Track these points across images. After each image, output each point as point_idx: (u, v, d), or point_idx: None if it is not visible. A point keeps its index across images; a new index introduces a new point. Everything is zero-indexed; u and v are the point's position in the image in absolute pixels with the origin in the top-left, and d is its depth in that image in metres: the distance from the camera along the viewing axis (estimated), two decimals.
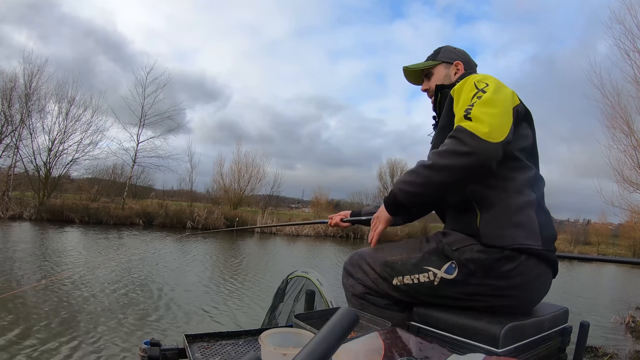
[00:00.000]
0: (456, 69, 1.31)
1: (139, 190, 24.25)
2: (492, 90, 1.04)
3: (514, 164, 1.06)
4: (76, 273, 6.63)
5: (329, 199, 29.84)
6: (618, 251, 26.54)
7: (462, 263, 1.02)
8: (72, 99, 18.22)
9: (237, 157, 23.98)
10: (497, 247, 1.01)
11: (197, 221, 18.62)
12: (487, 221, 1.04)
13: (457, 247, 1.04)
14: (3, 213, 15.25)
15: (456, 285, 1.02)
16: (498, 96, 1.03)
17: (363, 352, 0.72)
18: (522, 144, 1.08)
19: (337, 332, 0.38)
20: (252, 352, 0.90)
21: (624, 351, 5.02)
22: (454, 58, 1.32)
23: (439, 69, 1.32)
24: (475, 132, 0.96)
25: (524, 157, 1.08)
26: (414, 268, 1.07)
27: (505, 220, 1.02)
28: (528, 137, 1.11)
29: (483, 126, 0.96)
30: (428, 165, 1.01)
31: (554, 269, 1.09)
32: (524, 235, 1.01)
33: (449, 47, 1.36)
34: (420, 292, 1.06)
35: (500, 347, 0.88)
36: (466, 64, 1.32)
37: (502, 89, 1.07)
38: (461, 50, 1.36)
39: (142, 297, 5.55)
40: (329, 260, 11.64)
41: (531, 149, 1.12)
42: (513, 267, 1.00)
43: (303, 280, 1.84)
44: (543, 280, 1.06)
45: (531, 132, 1.13)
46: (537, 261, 1.02)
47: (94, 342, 3.77)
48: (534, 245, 1.00)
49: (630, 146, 8.00)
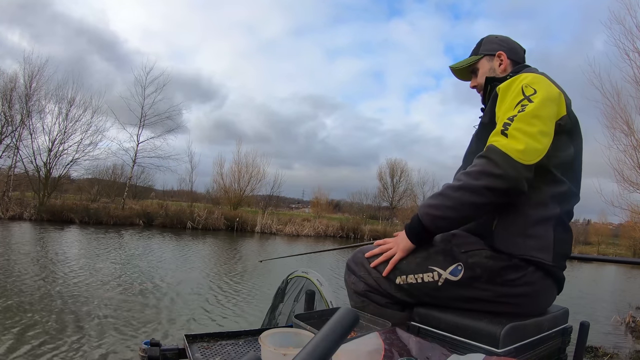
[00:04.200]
0: (500, 60, 1.25)
1: (139, 190, 24.28)
2: (539, 101, 0.98)
3: (545, 176, 1.02)
4: (76, 272, 6.63)
5: (329, 199, 29.91)
6: (618, 251, 26.53)
7: (469, 266, 1.00)
8: (72, 99, 18.28)
9: (237, 157, 24.05)
10: (506, 254, 1.00)
11: (197, 221, 18.62)
12: (502, 227, 1.02)
13: (466, 250, 1.02)
14: (3, 213, 15.25)
15: (460, 287, 1.01)
16: (542, 111, 0.98)
17: (363, 352, 0.72)
18: (559, 158, 1.02)
19: (337, 332, 0.38)
20: (252, 352, 0.90)
21: (624, 351, 5.02)
22: (496, 49, 1.26)
23: (482, 63, 1.27)
24: (508, 152, 0.92)
25: (558, 171, 1.03)
26: (418, 267, 1.04)
27: (520, 230, 1.01)
28: (568, 152, 1.05)
29: (519, 144, 0.92)
30: (458, 187, 0.97)
31: (559, 285, 1.08)
32: (535, 247, 0.99)
33: (490, 37, 1.29)
34: (422, 292, 1.04)
35: (501, 347, 0.88)
36: (509, 52, 1.25)
37: (549, 101, 1.00)
38: (503, 37, 1.29)
39: (142, 297, 5.55)
40: (329, 260, 11.63)
41: (570, 163, 1.06)
42: (518, 276, 0.99)
43: (303, 280, 1.84)
44: (547, 294, 1.06)
45: (574, 146, 1.06)
46: (544, 275, 1.01)
47: (94, 342, 3.77)
48: (543, 259, 0.99)
49: (630, 146, 8.02)
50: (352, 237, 21.80)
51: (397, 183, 28.25)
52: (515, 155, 0.92)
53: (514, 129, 0.95)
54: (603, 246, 28.37)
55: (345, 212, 29.68)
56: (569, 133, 1.05)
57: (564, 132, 1.03)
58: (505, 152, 0.92)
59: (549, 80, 1.07)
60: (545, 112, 0.98)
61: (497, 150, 0.93)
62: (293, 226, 21.16)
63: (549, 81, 1.07)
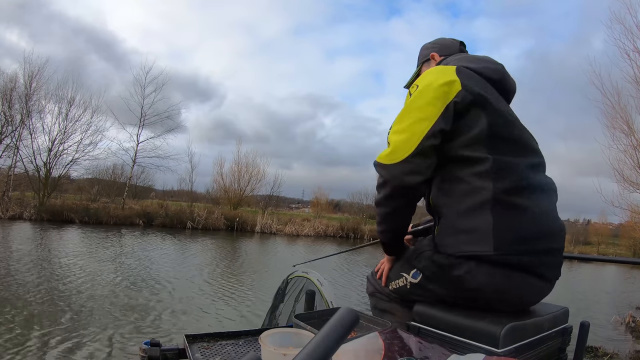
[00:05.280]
0: (434, 61, 1.23)
1: (139, 190, 24.26)
2: (415, 95, 1.00)
3: (461, 162, 0.98)
4: (75, 272, 6.63)
5: (329, 199, 29.91)
6: (618, 251, 26.54)
7: (421, 269, 1.06)
8: (72, 99, 18.26)
9: (237, 157, 24.04)
10: (444, 254, 1.01)
11: (197, 221, 18.62)
12: (440, 228, 1.04)
13: (417, 255, 1.09)
14: (3, 213, 15.25)
15: (421, 289, 1.07)
16: (418, 102, 0.99)
17: (363, 352, 0.72)
18: (469, 136, 0.97)
19: (337, 332, 0.38)
20: (252, 352, 0.90)
21: (624, 351, 5.02)
22: (428, 53, 1.27)
23: (423, 71, 1.25)
24: (381, 160, 0.99)
25: (474, 150, 0.96)
26: (395, 274, 1.14)
27: (451, 227, 0.99)
28: (479, 126, 0.96)
29: (388, 148, 0.99)
30: (375, 204, 1.08)
31: (528, 272, 0.96)
32: (467, 241, 0.95)
33: (424, 45, 1.31)
34: (403, 294, 1.12)
35: (501, 347, 0.88)
36: (441, 50, 1.24)
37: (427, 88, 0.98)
38: (436, 40, 1.29)
39: (142, 297, 5.55)
40: (329, 260, 11.63)
41: (488, 136, 0.96)
42: (462, 273, 0.97)
43: (303, 280, 1.84)
44: (510, 287, 0.95)
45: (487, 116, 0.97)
46: (491, 267, 0.94)
47: (94, 342, 3.77)
48: (479, 251, 0.93)
49: (630, 146, 8.02)
50: (352, 237, 21.80)
51: None
52: (384, 160, 0.99)
53: (391, 134, 1.01)
54: (603, 246, 28.36)
55: (345, 212, 29.68)
56: (475, 106, 0.98)
57: (467, 107, 0.97)
58: (378, 162, 1.01)
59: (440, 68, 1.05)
60: (421, 101, 0.98)
61: (375, 163, 1.02)
62: (293, 226, 21.16)
63: (439, 69, 1.04)
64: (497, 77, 1.09)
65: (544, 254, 0.98)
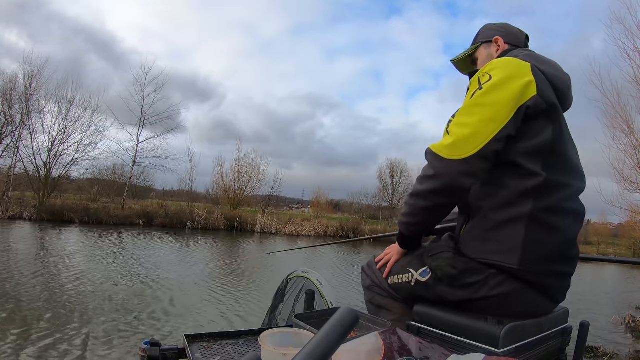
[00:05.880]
0: (497, 46, 1.17)
1: (139, 190, 24.27)
2: (488, 87, 0.92)
3: (511, 172, 0.94)
4: (75, 272, 6.63)
5: (328, 199, 29.91)
6: (618, 251, 26.53)
7: (433, 269, 1.03)
8: (72, 99, 18.27)
9: (237, 157, 24.05)
10: (466, 258, 0.99)
11: (197, 221, 18.62)
12: (468, 230, 1.02)
13: (432, 254, 1.05)
14: (3, 213, 15.25)
15: (427, 288, 1.04)
16: (490, 97, 0.91)
17: (363, 352, 0.72)
18: (530, 146, 0.92)
19: (337, 332, 0.38)
20: (252, 352, 0.90)
21: (624, 351, 5.01)
22: (492, 35, 1.19)
23: (480, 51, 1.21)
24: (436, 151, 0.93)
25: (529, 161, 0.92)
26: (400, 269, 1.11)
27: (481, 232, 0.97)
28: (543, 137, 0.92)
29: (448, 140, 0.92)
30: (411, 194, 1.01)
31: (543, 291, 0.97)
32: (495, 250, 0.94)
33: (487, 25, 1.24)
34: (402, 291, 1.11)
35: (501, 348, 0.88)
36: (507, 36, 1.17)
37: (503, 84, 0.92)
38: (502, 24, 1.22)
39: (142, 297, 5.55)
40: (329, 260, 11.64)
41: (548, 151, 0.93)
42: (478, 280, 0.96)
43: (303, 280, 1.84)
44: (519, 300, 0.96)
45: (553, 130, 0.93)
46: (509, 279, 0.94)
47: (94, 342, 3.77)
48: (504, 262, 0.93)
49: (630, 146, 8.03)
50: (352, 237, 21.79)
51: (397, 183, 28.30)
52: (442, 152, 0.92)
53: (454, 125, 0.94)
54: (603, 246, 28.35)
55: (345, 212, 29.68)
56: (544, 116, 0.93)
57: (535, 115, 0.92)
58: (433, 152, 0.94)
59: (517, 62, 0.97)
60: (494, 98, 0.91)
61: (429, 151, 0.95)
62: (293, 226, 21.16)
63: (516, 63, 0.97)
64: (562, 88, 1.02)
65: (560, 277, 1.00)
